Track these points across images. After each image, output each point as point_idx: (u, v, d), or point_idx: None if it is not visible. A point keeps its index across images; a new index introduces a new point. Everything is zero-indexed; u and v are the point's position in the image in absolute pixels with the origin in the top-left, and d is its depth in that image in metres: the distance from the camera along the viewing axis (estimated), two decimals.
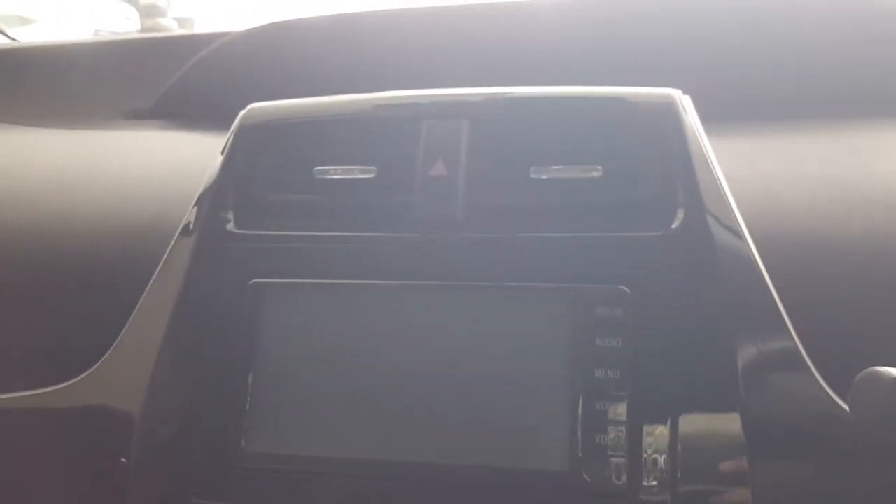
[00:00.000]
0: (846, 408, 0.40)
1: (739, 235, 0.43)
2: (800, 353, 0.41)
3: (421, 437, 0.43)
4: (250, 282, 0.46)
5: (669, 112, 0.45)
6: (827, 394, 0.41)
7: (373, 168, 0.47)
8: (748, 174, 0.49)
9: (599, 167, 0.45)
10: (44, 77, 0.78)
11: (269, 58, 0.70)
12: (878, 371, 0.36)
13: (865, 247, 0.45)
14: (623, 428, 0.41)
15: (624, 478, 0.41)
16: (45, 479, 0.51)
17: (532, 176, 0.46)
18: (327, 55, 0.67)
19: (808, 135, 0.55)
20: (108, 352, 0.48)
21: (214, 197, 0.48)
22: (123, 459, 0.46)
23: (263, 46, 0.71)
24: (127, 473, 0.46)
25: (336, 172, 0.48)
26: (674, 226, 0.43)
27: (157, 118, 0.72)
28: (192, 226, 0.48)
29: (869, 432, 0.36)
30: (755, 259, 0.43)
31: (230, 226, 0.48)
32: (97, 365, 0.48)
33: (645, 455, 0.41)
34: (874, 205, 0.47)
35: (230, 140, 0.49)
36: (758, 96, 0.59)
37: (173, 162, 0.59)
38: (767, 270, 0.43)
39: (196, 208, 0.49)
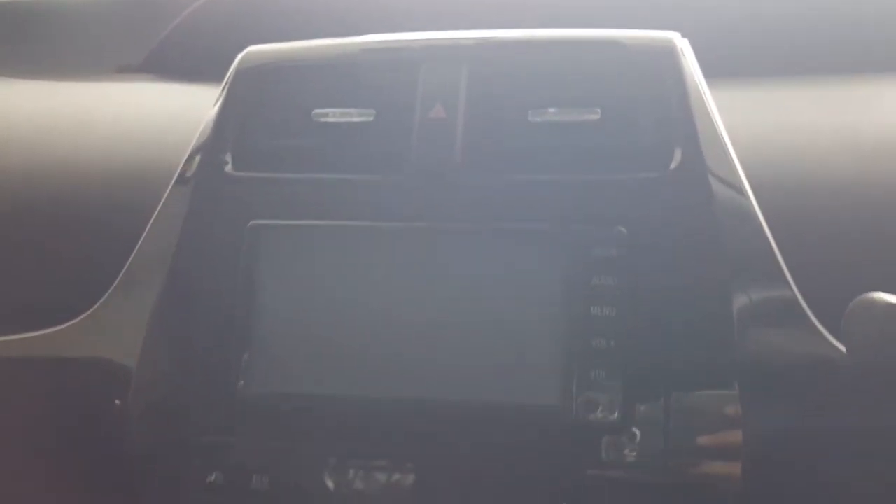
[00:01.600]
0: (843, 349, 0.40)
1: (736, 177, 0.44)
2: (794, 293, 0.42)
3: (417, 374, 0.43)
4: (249, 224, 0.46)
5: (668, 55, 0.45)
6: (822, 335, 0.41)
7: (371, 111, 0.47)
8: (743, 121, 0.49)
9: (598, 110, 0.46)
10: (33, 32, 0.77)
11: (260, 10, 0.69)
12: (872, 297, 0.36)
13: (858, 190, 0.46)
14: (617, 365, 0.42)
15: (616, 414, 0.41)
16: (40, 423, 0.51)
17: (530, 119, 0.46)
18: (321, 5, 0.66)
19: (802, 87, 0.55)
20: (106, 294, 0.48)
21: (212, 140, 0.48)
22: (117, 401, 0.47)
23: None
24: (124, 416, 0.46)
25: (334, 115, 0.48)
26: (671, 167, 0.44)
27: (148, 73, 0.71)
28: (189, 169, 0.48)
29: (862, 359, 0.37)
30: (751, 201, 0.43)
31: (228, 168, 0.48)
32: (94, 308, 0.48)
33: (638, 392, 0.41)
34: (867, 149, 0.47)
35: (228, 83, 0.49)
36: (753, 51, 0.60)
37: (169, 110, 0.59)
38: (762, 213, 0.43)
39: (194, 151, 0.48)
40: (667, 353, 0.42)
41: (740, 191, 0.43)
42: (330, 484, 0.43)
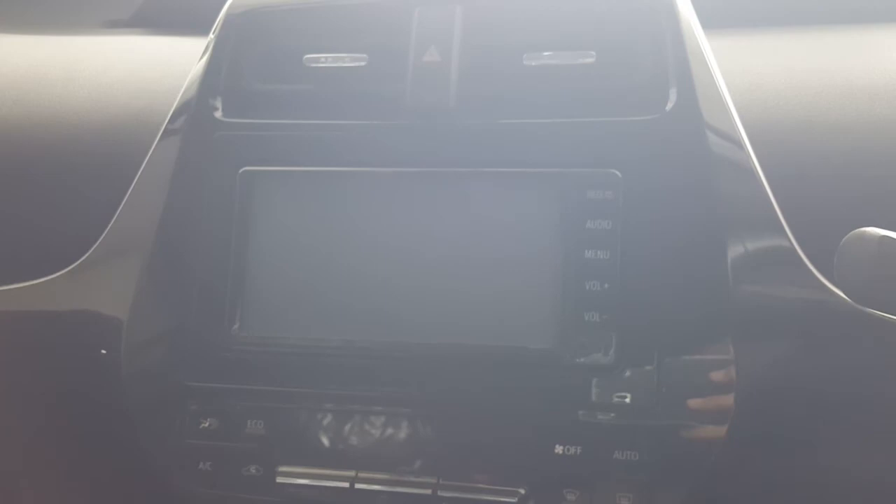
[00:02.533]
0: (840, 293, 0.40)
1: (731, 121, 0.43)
2: (789, 238, 0.42)
3: (411, 318, 0.43)
4: (240, 170, 0.46)
5: None
6: (818, 280, 0.41)
7: (364, 56, 0.47)
8: (737, 67, 0.49)
9: (593, 53, 0.45)
10: None
11: None
12: (864, 231, 0.36)
13: (855, 136, 0.46)
14: (611, 306, 0.42)
15: (611, 354, 0.41)
16: (28, 375, 0.51)
17: (525, 63, 0.46)
18: None
19: (796, 35, 0.55)
20: (96, 244, 0.48)
21: (202, 86, 0.47)
22: (104, 350, 0.46)
23: None
24: (115, 366, 0.46)
25: (326, 60, 0.47)
26: (666, 109, 0.43)
27: (136, 27, 0.70)
28: (180, 116, 0.48)
29: (855, 293, 0.37)
30: (746, 145, 0.43)
31: (219, 114, 0.47)
32: (84, 258, 0.48)
33: (632, 332, 0.41)
34: (860, 93, 0.47)
35: (217, 29, 0.48)
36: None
37: (158, 61, 0.58)
38: (756, 156, 0.43)
39: (184, 98, 0.48)
40: (660, 297, 0.42)
41: (735, 135, 0.43)
42: (326, 427, 0.43)
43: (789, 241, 0.42)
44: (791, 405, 0.42)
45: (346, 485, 0.43)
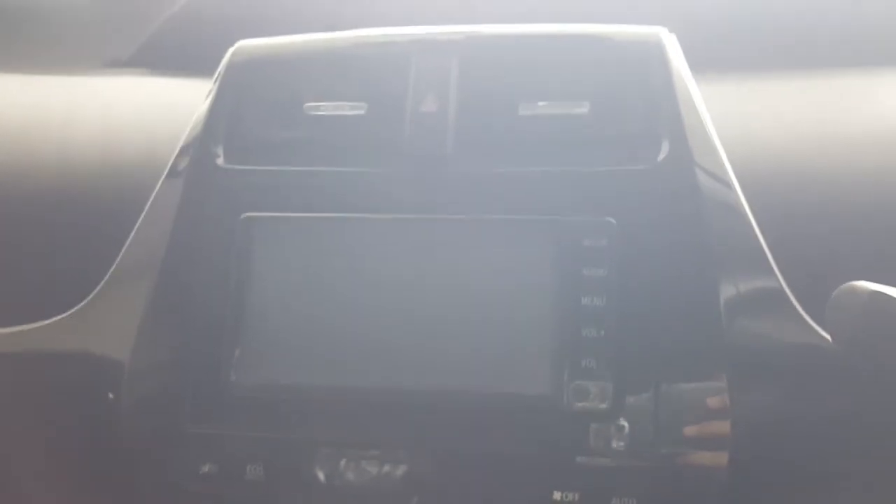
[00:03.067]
0: (828, 338, 0.41)
1: (722, 169, 0.44)
2: (780, 283, 0.43)
3: (409, 364, 0.44)
4: (241, 216, 0.46)
5: (655, 49, 0.46)
6: (808, 324, 0.42)
7: (363, 104, 0.48)
8: (728, 114, 0.50)
9: (586, 103, 0.46)
10: (21, 26, 0.77)
11: (251, 4, 0.69)
12: (855, 285, 0.37)
13: (844, 184, 0.47)
14: (607, 354, 0.42)
15: (607, 402, 0.42)
16: (30, 418, 0.51)
17: (521, 112, 0.47)
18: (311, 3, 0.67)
19: (786, 80, 0.56)
20: (98, 288, 0.48)
21: (204, 133, 0.48)
22: (111, 395, 0.47)
23: None
24: (118, 409, 0.46)
25: (326, 108, 0.48)
26: (659, 159, 0.44)
27: (137, 67, 0.71)
28: (181, 162, 0.48)
29: (844, 346, 0.38)
30: (737, 192, 0.44)
31: (220, 161, 0.48)
32: (84, 302, 0.48)
33: (628, 381, 0.42)
34: (853, 142, 0.48)
35: (219, 76, 0.49)
36: (739, 45, 0.60)
37: (160, 104, 0.59)
38: (748, 203, 0.44)
39: (185, 145, 0.49)
40: (656, 342, 0.42)
41: (727, 182, 0.44)
42: (323, 474, 0.44)
43: (779, 283, 0.43)
44: (787, 446, 0.43)
45: None
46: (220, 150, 0.48)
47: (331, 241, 0.45)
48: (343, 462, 0.44)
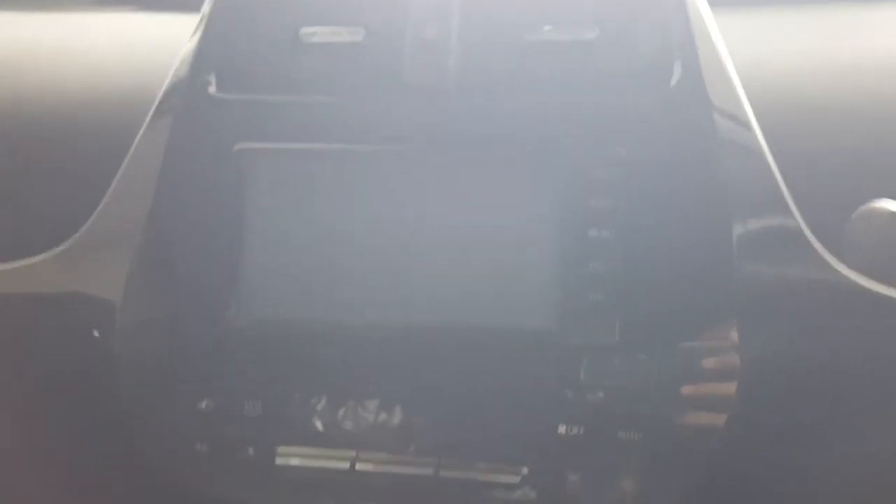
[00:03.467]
0: (846, 273, 0.40)
1: (736, 98, 0.43)
2: (794, 216, 0.41)
3: (409, 299, 0.42)
4: (235, 147, 0.45)
5: None
6: (822, 257, 0.41)
7: (361, 30, 0.46)
8: (742, 42, 0.48)
9: (596, 29, 0.44)
10: None
11: None
12: (874, 206, 0.36)
13: (856, 113, 0.45)
14: (615, 287, 0.41)
15: (615, 336, 0.41)
16: (15, 361, 0.50)
17: (526, 38, 0.45)
18: None
19: (799, 12, 0.54)
20: (86, 225, 0.47)
21: (195, 61, 0.46)
22: (96, 332, 0.45)
23: None
24: (111, 349, 0.45)
25: (322, 35, 0.46)
26: (670, 86, 0.42)
27: (127, 3, 0.69)
28: (172, 92, 0.46)
29: (861, 269, 0.36)
30: (751, 122, 0.42)
31: (212, 90, 0.46)
32: (73, 238, 0.47)
33: (636, 313, 0.41)
34: (866, 72, 0.46)
35: (210, 2, 0.47)
36: None
37: (150, 38, 0.57)
38: (763, 135, 0.42)
39: (176, 74, 0.47)
40: (665, 277, 0.41)
41: (741, 113, 0.42)
42: (324, 409, 0.43)
43: (795, 220, 0.41)
44: (796, 389, 0.42)
45: (347, 465, 0.42)
46: (212, 79, 0.46)
47: (329, 173, 0.44)
48: (341, 398, 0.43)
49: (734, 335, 0.40)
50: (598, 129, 0.42)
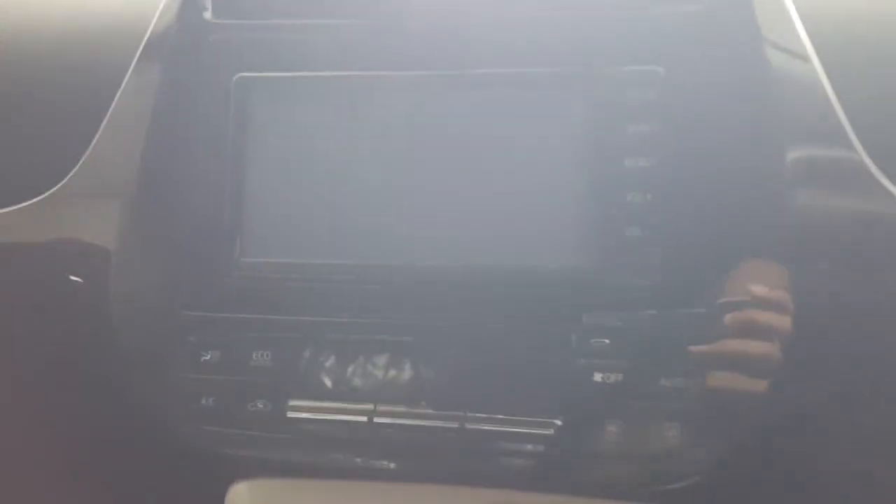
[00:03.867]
0: None
1: (785, 10, 0.38)
2: (854, 146, 0.37)
3: (431, 238, 0.39)
4: (236, 76, 0.41)
5: None
6: (889, 191, 0.37)
7: None
8: None
9: None
10: None
11: None
12: None
13: None
14: (655, 220, 0.37)
15: (656, 273, 0.37)
16: (6, 311, 0.47)
17: None
18: None
19: None
20: (76, 166, 0.43)
21: None
22: (78, 279, 0.42)
23: None
24: (105, 294, 0.42)
25: None
26: None
27: None
28: (165, 19, 0.43)
29: None
30: (803, 38, 0.38)
31: (208, 15, 0.42)
32: (64, 180, 0.43)
33: (679, 249, 0.37)
34: None
35: None
36: None
37: None
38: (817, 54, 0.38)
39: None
40: (710, 210, 0.37)
41: (791, 27, 0.38)
42: (339, 358, 0.39)
43: (856, 150, 0.37)
44: (854, 332, 0.38)
45: (364, 419, 0.39)
46: (207, 3, 0.42)
47: (338, 103, 0.40)
48: (359, 347, 0.39)
49: (789, 270, 0.37)
50: (633, 46, 0.38)
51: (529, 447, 0.38)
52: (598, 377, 0.37)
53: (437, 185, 0.39)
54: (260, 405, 0.40)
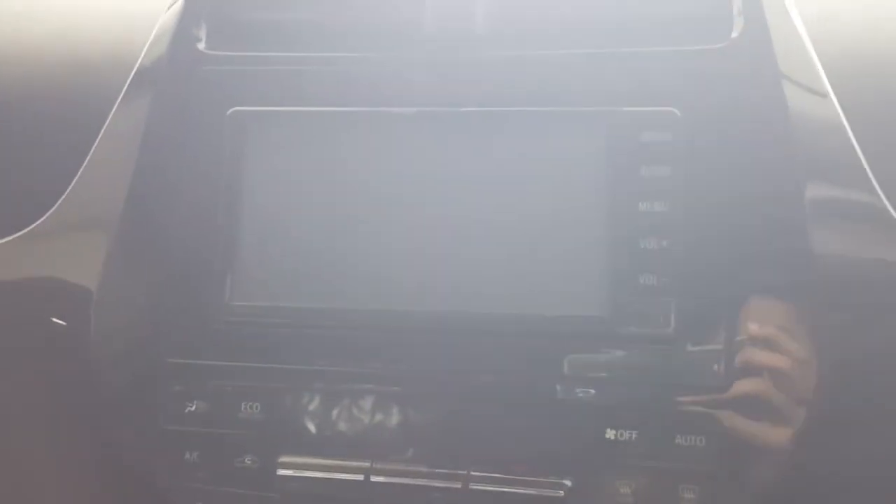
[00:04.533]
0: None
1: (804, 50, 0.37)
2: (877, 191, 0.36)
3: (435, 285, 0.37)
4: (229, 111, 0.39)
5: None
6: None
7: None
8: None
9: None
10: None
11: None
12: None
13: None
14: (671, 268, 0.36)
15: (671, 323, 0.35)
16: None
17: None
18: None
19: None
20: (61, 199, 0.41)
21: (184, 14, 0.41)
22: (62, 322, 0.40)
23: None
24: (86, 339, 0.39)
25: None
26: (732, 37, 0.37)
27: None
28: (157, 49, 0.41)
29: None
30: (823, 77, 0.37)
31: (202, 46, 0.40)
32: (46, 215, 0.41)
33: (696, 298, 0.35)
34: None
35: None
36: None
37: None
38: (833, 90, 0.37)
39: (162, 28, 0.41)
40: (728, 257, 0.36)
41: (811, 66, 0.37)
42: (334, 412, 0.37)
43: (880, 198, 0.36)
44: (881, 384, 0.36)
45: (361, 477, 0.36)
46: (202, 34, 0.41)
47: (336, 139, 0.38)
48: (356, 399, 0.37)
49: (811, 321, 0.35)
50: (648, 87, 0.37)
51: None
52: (610, 434, 0.35)
53: (442, 229, 0.37)
54: (248, 461, 0.37)
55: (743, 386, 0.35)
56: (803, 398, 0.35)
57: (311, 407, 0.37)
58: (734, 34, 0.37)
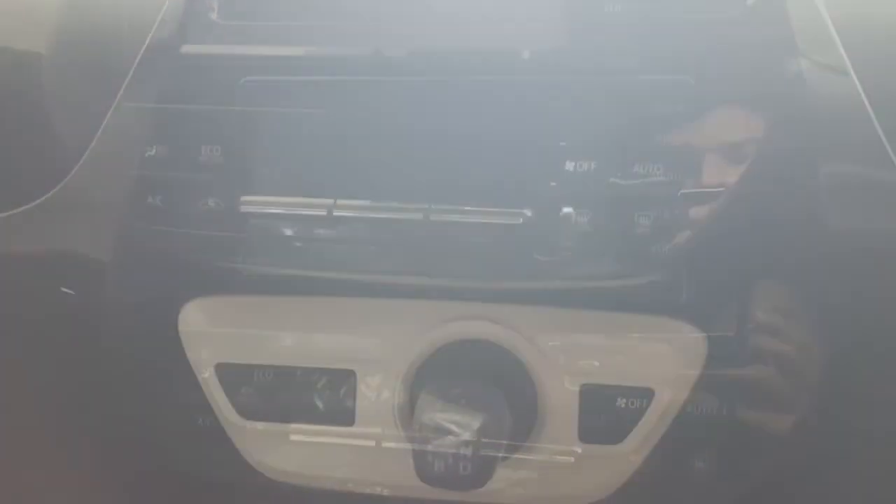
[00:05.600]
0: None
1: (820, 18, 0.37)
2: (888, 151, 0.36)
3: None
4: (240, 80, 0.39)
5: None
6: None
7: None
8: None
9: None
10: None
11: None
12: None
13: None
14: (679, 247, 0.36)
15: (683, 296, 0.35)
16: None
17: None
18: None
19: None
20: (76, 167, 0.41)
21: None
22: (66, 290, 0.40)
23: None
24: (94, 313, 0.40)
25: None
26: (747, 4, 0.37)
27: None
28: (171, 18, 0.41)
29: None
30: (839, 46, 0.36)
31: (214, 16, 0.41)
32: (62, 183, 0.41)
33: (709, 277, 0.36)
34: None
35: None
36: None
37: None
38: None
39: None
40: (741, 228, 0.36)
41: (827, 34, 0.37)
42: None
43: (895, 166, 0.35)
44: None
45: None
46: (214, 3, 0.41)
47: (351, 108, 0.38)
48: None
49: (827, 298, 0.35)
50: (661, 55, 0.37)
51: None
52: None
53: (441, 189, 0.37)
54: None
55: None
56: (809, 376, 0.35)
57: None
58: (749, 2, 0.37)
